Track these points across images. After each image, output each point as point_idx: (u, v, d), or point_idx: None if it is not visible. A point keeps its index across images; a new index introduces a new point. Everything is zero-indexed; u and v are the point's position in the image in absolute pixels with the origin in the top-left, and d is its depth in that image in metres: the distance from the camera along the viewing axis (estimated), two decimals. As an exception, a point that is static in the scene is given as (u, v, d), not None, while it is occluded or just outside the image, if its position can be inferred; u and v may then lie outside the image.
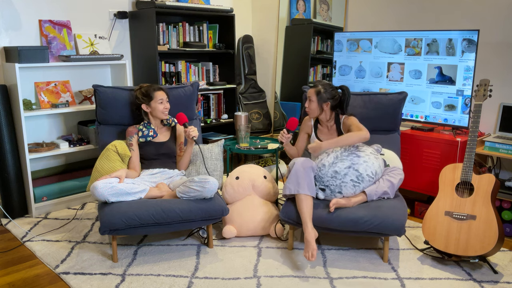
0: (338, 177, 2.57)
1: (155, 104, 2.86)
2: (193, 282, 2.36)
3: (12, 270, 2.53)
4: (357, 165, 2.58)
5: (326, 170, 2.61)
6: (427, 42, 3.33)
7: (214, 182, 2.58)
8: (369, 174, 2.59)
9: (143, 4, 3.75)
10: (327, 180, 2.59)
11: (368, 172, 2.59)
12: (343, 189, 2.58)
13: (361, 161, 2.59)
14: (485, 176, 2.49)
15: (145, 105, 2.88)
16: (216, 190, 2.62)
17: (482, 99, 2.60)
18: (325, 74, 4.55)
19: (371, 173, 2.60)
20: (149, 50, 3.75)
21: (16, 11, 3.27)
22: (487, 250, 2.37)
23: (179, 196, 2.61)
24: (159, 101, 2.85)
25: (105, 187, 2.50)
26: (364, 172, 2.57)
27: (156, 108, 2.86)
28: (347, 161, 2.59)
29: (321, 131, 2.91)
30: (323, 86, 2.78)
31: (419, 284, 2.35)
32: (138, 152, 2.89)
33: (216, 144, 3.11)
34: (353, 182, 2.57)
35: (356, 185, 2.58)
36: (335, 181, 2.58)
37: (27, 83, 3.37)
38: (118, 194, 2.54)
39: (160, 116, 2.89)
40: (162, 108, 2.86)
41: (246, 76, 4.71)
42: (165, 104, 2.88)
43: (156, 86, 2.90)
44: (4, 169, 3.13)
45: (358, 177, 2.57)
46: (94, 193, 2.50)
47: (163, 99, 2.87)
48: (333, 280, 2.39)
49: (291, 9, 4.51)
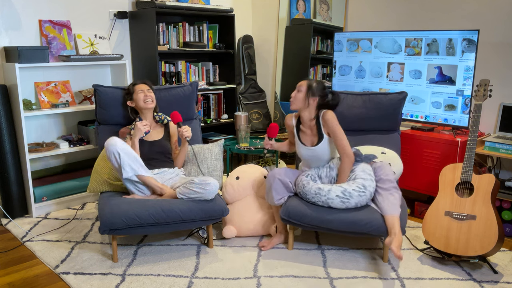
0: (322, 193, 2.49)
1: (136, 95, 2.92)
2: (193, 282, 2.36)
3: (12, 270, 2.53)
4: None
5: (309, 187, 2.54)
6: (427, 42, 3.33)
7: (214, 184, 2.57)
8: (355, 189, 2.47)
9: (143, 4, 3.75)
10: (312, 197, 2.53)
11: (354, 186, 2.47)
12: (331, 205, 2.49)
13: None
14: (485, 176, 2.49)
15: (130, 101, 2.97)
16: (216, 192, 2.61)
17: (482, 99, 2.60)
18: (325, 74, 4.55)
19: (358, 188, 2.47)
20: (149, 50, 3.75)
21: (16, 11, 3.27)
22: (487, 250, 2.37)
23: (179, 197, 2.61)
24: (139, 92, 2.91)
25: (121, 142, 2.56)
26: (349, 188, 2.47)
27: (137, 98, 2.91)
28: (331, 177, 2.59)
29: (304, 132, 2.72)
30: (316, 82, 2.65)
31: (419, 284, 2.35)
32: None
33: (216, 144, 3.11)
34: (339, 198, 2.46)
35: (345, 201, 2.46)
36: (320, 198, 2.50)
37: (27, 83, 3.37)
38: (130, 154, 2.56)
39: (142, 105, 2.90)
40: (143, 97, 2.90)
41: (246, 76, 4.71)
42: (145, 92, 2.91)
43: (137, 81, 3.00)
44: (4, 169, 3.13)
45: (343, 192, 2.46)
46: (108, 143, 2.54)
47: (143, 89, 2.92)
48: (333, 280, 2.39)
49: (291, 9, 4.51)
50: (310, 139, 2.69)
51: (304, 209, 2.55)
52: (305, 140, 2.71)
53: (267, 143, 2.78)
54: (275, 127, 2.77)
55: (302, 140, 2.72)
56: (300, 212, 2.55)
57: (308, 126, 2.69)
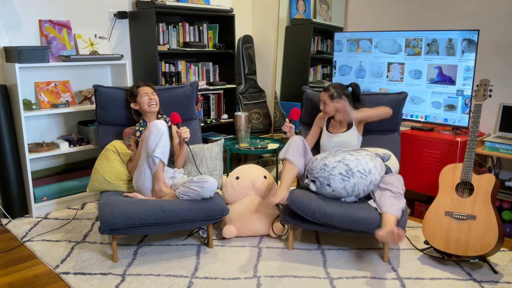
0: (327, 169, 2.58)
1: (140, 98, 2.92)
2: (193, 282, 2.36)
3: (12, 270, 2.53)
4: (347, 160, 2.58)
5: (317, 163, 2.64)
6: (427, 42, 3.33)
7: (213, 181, 2.58)
8: (361, 171, 2.55)
9: (143, 4, 3.75)
10: (317, 172, 2.62)
11: (360, 168, 2.56)
12: (331, 181, 2.57)
13: (353, 158, 2.60)
14: (485, 176, 2.49)
15: (133, 103, 2.97)
16: (215, 190, 2.62)
17: (482, 99, 2.60)
18: (325, 74, 4.55)
19: (363, 170, 2.56)
20: (149, 50, 3.75)
21: (16, 11, 3.27)
22: (487, 250, 2.37)
23: (178, 197, 2.61)
24: (143, 95, 2.92)
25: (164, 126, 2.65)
26: (355, 168, 2.55)
27: (141, 102, 2.92)
28: (339, 156, 2.61)
29: (333, 125, 2.98)
30: (335, 89, 2.91)
31: (419, 284, 2.35)
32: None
33: (216, 143, 3.11)
34: (341, 175, 2.55)
35: (346, 179, 2.55)
36: (323, 173, 2.59)
37: (27, 83, 3.37)
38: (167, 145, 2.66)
39: (146, 109, 2.92)
40: (147, 100, 2.91)
41: (246, 76, 4.71)
42: (150, 96, 2.93)
43: (140, 83, 3.01)
44: (4, 169, 3.13)
45: (347, 171, 2.55)
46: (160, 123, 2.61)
47: (148, 93, 2.93)
48: (333, 280, 2.39)
49: (291, 9, 4.51)
50: (339, 129, 2.95)
51: (308, 200, 2.57)
52: (333, 130, 2.98)
53: (287, 125, 2.98)
54: (296, 111, 2.98)
55: (330, 131, 2.99)
56: (304, 202, 2.55)
57: (338, 121, 2.97)
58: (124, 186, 2.84)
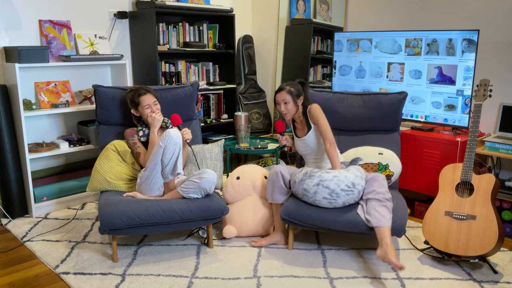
0: (309, 195, 2.52)
1: (142, 109, 2.85)
2: (193, 282, 2.36)
3: (12, 270, 2.53)
4: (326, 182, 2.47)
5: (296, 188, 2.57)
6: (427, 42, 3.33)
7: (211, 173, 2.61)
8: (344, 189, 2.47)
9: (143, 4, 3.75)
10: (301, 197, 2.58)
11: (342, 186, 2.47)
12: (319, 204, 2.53)
13: (330, 176, 2.48)
14: (485, 176, 2.49)
15: (134, 110, 2.90)
16: (214, 182, 2.62)
17: (482, 99, 2.61)
18: (325, 74, 4.55)
19: (346, 187, 2.47)
20: (149, 50, 3.75)
21: (16, 11, 3.27)
22: (487, 250, 2.37)
23: (180, 192, 2.62)
24: (145, 107, 2.83)
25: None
26: (337, 188, 2.47)
27: (143, 114, 2.86)
28: (316, 178, 2.49)
29: (298, 128, 2.92)
30: (290, 85, 2.79)
31: (419, 284, 2.35)
32: (144, 148, 2.89)
33: (216, 144, 3.11)
34: (326, 199, 2.49)
35: (332, 201, 2.49)
36: (307, 199, 2.55)
37: (27, 83, 3.37)
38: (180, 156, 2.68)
39: (149, 120, 2.85)
40: (149, 112, 2.84)
41: (246, 76, 4.71)
42: (152, 107, 2.84)
43: (142, 91, 2.86)
44: (4, 169, 3.13)
45: (331, 194, 2.47)
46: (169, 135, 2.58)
47: (150, 104, 2.83)
48: (333, 280, 2.39)
49: (291, 9, 4.51)
50: (302, 132, 2.88)
51: (304, 209, 2.55)
52: (299, 134, 2.91)
53: (281, 139, 2.96)
54: (279, 122, 2.97)
55: (297, 134, 2.93)
56: (300, 212, 2.55)
57: (299, 122, 2.90)
58: (124, 186, 2.84)
